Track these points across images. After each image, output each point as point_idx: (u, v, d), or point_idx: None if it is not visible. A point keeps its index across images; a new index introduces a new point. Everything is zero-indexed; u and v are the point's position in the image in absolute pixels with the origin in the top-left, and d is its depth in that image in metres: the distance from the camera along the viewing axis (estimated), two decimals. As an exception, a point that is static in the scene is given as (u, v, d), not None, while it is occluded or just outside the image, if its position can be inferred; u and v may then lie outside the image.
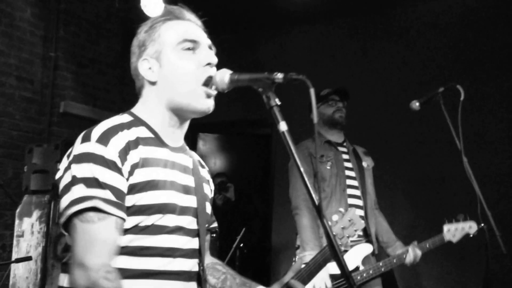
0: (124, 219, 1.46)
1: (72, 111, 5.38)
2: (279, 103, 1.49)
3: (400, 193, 5.41)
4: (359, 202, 3.42)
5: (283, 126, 1.45)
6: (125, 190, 1.47)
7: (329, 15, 5.96)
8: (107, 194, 1.42)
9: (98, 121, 1.57)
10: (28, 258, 3.45)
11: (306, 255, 3.08)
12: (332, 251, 1.40)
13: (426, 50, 5.55)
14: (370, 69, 5.79)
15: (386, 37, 5.77)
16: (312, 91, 1.43)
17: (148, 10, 4.81)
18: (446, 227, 3.32)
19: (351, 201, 3.37)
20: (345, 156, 3.52)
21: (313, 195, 1.41)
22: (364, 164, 3.57)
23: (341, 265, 1.39)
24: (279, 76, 1.49)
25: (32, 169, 4.34)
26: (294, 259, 3.38)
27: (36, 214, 4.23)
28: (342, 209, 2.67)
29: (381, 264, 3.19)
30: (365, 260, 3.22)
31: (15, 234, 4.31)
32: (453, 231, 3.29)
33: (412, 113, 3.21)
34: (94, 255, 1.40)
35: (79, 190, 1.42)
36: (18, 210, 4.35)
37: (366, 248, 3.26)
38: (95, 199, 1.42)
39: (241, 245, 4.88)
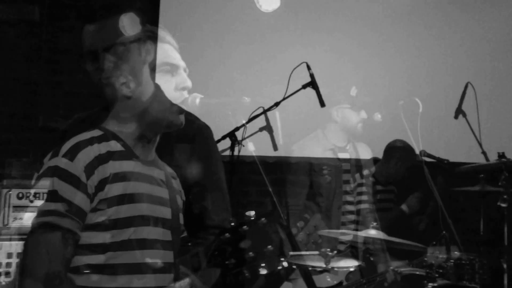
0: (75, 233, 1.48)
1: (52, 125, 5.39)
2: (244, 122, 1.61)
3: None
4: (353, 217, 3.30)
5: (250, 147, 1.59)
6: (84, 206, 1.49)
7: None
8: (62, 207, 1.46)
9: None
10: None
11: None
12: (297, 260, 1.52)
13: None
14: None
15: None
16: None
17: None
18: (430, 249, 2.93)
19: (344, 218, 3.28)
20: (346, 166, 3.30)
21: (280, 211, 1.53)
22: (365, 172, 3.37)
23: (307, 277, 1.52)
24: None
25: (11, 184, 4.34)
26: None
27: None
28: (307, 215, 2.73)
29: (364, 280, 3.03)
30: (350, 275, 3.16)
31: (-9, 249, 4.30)
32: (437, 253, 2.91)
33: (374, 125, 3.32)
34: (44, 265, 1.43)
35: (39, 205, 1.48)
36: (-5, 225, 4.35)
37: (350, 263, 3.16)
38: (50, 213, 1.46)
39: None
